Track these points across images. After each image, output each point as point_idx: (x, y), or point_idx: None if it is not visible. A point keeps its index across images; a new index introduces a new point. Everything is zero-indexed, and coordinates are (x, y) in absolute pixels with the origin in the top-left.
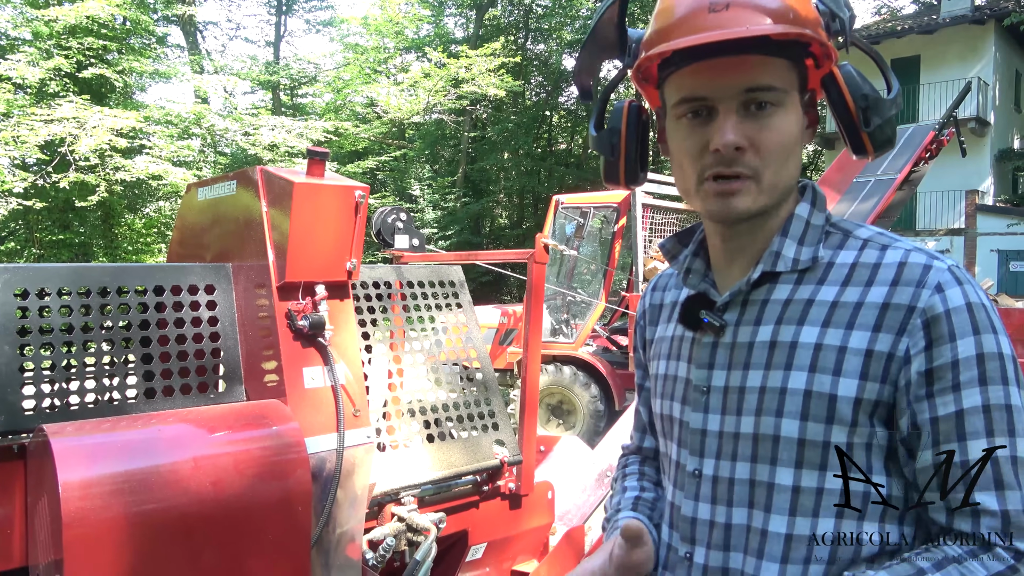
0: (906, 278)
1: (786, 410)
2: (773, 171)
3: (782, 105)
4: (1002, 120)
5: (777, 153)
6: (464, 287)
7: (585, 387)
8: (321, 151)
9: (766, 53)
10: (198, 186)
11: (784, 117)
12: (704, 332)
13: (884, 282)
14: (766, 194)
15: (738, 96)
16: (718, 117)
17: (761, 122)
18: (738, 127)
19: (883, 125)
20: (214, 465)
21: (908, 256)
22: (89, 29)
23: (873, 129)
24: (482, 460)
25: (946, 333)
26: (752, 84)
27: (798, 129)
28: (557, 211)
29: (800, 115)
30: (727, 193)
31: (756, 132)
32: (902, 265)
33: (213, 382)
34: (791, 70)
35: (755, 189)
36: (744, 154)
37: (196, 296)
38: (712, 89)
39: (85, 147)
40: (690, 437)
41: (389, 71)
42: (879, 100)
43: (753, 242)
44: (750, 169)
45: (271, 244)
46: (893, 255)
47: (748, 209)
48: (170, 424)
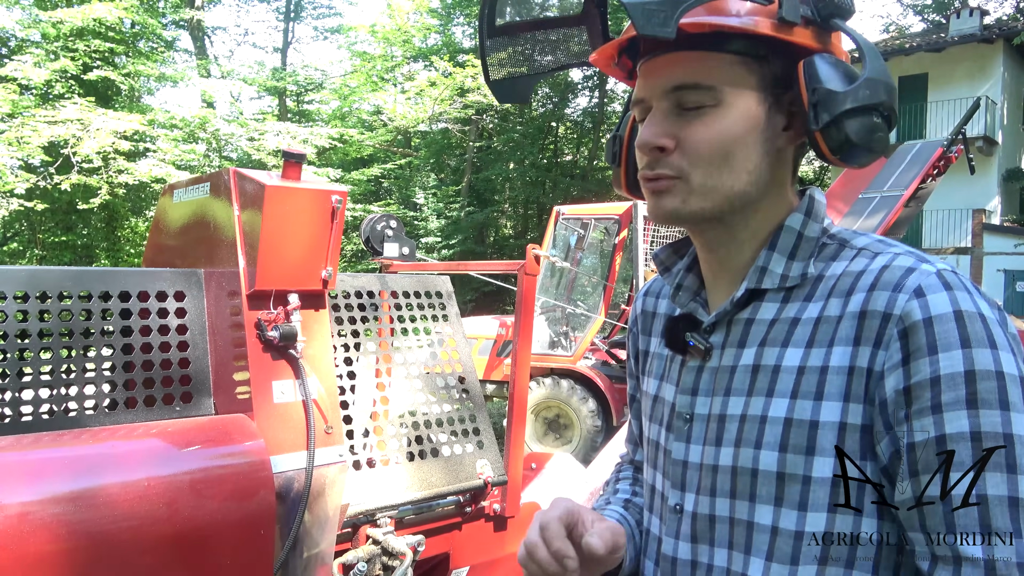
0: (884, 281)
1: (765, 440)
2: (704, 172)
3: (719, 103)
4: (1010, 140)
5: (707, 154)
6: (452, 298)
7: (583, 401)
8: (297, 152)
9: (703, 48)
10: (175, 188)
11: (720, 115)
12: (691, 355)
13: (863, 288)
14: (700, 196)
15: (665, 96)
16: (647, 118)
17: (690, 122)
18: (662, 126)
19: (835, 123)
20: (169, 485)
21: (894, 259)
22: (96, 32)
23: (822, 127)
24: (466, 480)
25: (924, 344)
26: (677, 82)
27: (745, 128)
28: (558, 222)
29: (753, 113)
30: (655, 192)
31: (683, 131)
32: (884, 269)
33: (180, 394)
34: (742, 65)
35: (683, 189)
36: (669, 154)
37: (164, 303)
38: (647, 90)
39: (88, 149)
40: (672, 468)
41: (396, 79)
42: (829, 93)
43: (730, 256)
44: (673, 170)
45: (242, 250)
46: (880, 260)
47: (677, 210)
48: (125, 439)
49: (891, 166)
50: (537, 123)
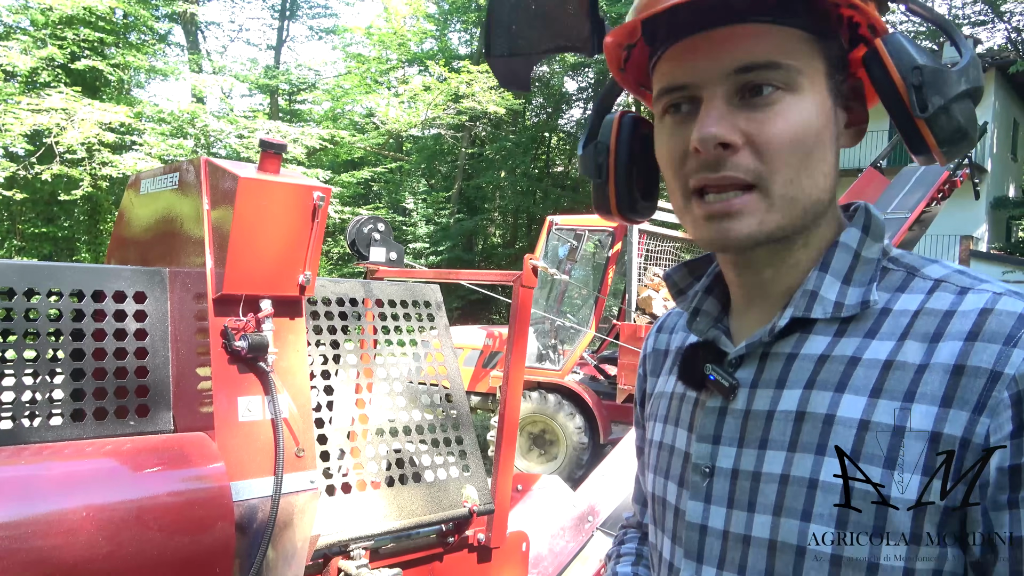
0: (989, 331)
1: (816, 511)
2: (786, 177)
3: (794, 89)
4: (998, 168)
5: (789, 152)
6: (441, 309)
7: (570, 417)
8: (277, 143)
9: (768, 20)
10: (142, 178)
11: (797, 104)
12: (710, 392)
13: (958, 335)
14: (779, 211)
15: (726, 79)
16: (701, 108)
17: (761, 112)
18: (726, 118)
19: (947, 107)
20: (110, 515)
21: (996, 302)
22: (86, 20)
23: (933, 113)
24: (449, 508)
25: None
26: (744, 61)
27: (822, 122)
28: (550, 232)
29: (827, 104)
30: (721, 215)
31: (754, 124)
32: (986, 312)
33: (135, 407)
34: (810, 43)
35: (762, 205)
36: (737, 154)
37: (123, 304)
38: (693, 73)
39: (72, 139)
40: (687, 533)
41: (390, 82)
42: (939, 72)
43: (778, 277)
44: (748, 174)
45: (210, 249)
46: (975, 300)
47: (753, 235)
48: (64, 460)
49: (895, 188)
50: (530, 132)
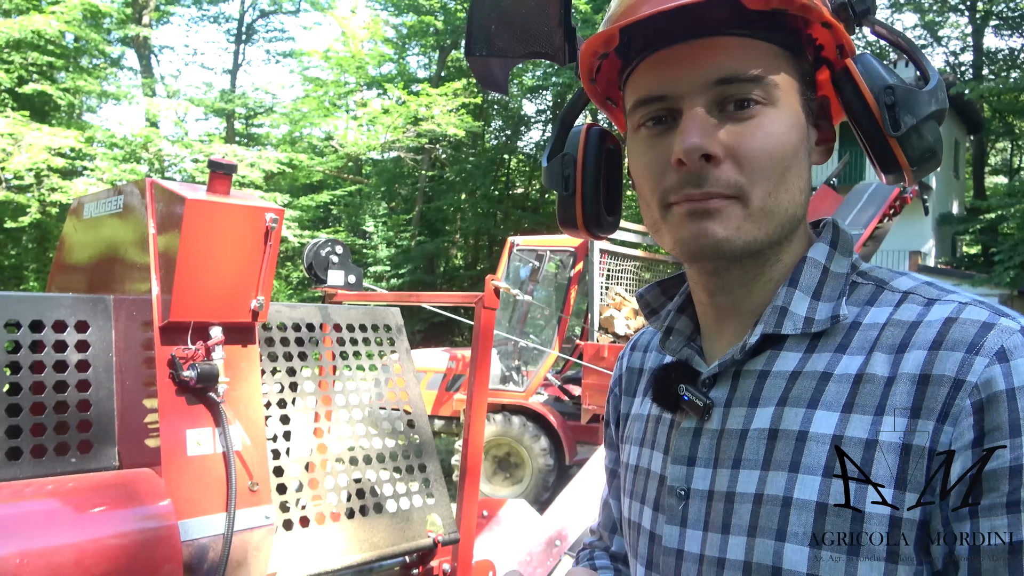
0: (953, 339)
1: (791, 531)
2: (765, 190)
3: (773, 103)
4: (943, 186)
5: (768, 165)
6: (402, 332)
7: (535, 439)
8: (226, 163)
9: (746, 34)
10: (84, 202)
11: (777, 118)
12: (684, 413)
13: (923, 345)
14: (757, 222)
15: (707, 90)
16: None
17: (743, 124)
18: (708, 129)
19: (919, 127)
20: (51, 560)
21: (962, 311)
22: (34, 44)
23: (905, 133)
24: (412, 539)
25: (1006, 423)
26: (725, 73)
27: (798, 137)
28: (512, 253)
29: (801, 120)
30: (701, 214)
31: (735, 137)
32: (950, 321)
33: (77, 442)
34: (785, 59)
35: (740, 213)
36: (719, 167)
37: (63, 335)
38: (673, 84)
39: (19, 164)
40: (663, 559)
41: (348, 106)
42: (910, 92)
43: (749, 296)
44: (730, 188)
45: (156, 274)
46: (940, 310)
47: (730, 238)
48: (0, 502)
49: (847, 205)
50: (490, 155)
